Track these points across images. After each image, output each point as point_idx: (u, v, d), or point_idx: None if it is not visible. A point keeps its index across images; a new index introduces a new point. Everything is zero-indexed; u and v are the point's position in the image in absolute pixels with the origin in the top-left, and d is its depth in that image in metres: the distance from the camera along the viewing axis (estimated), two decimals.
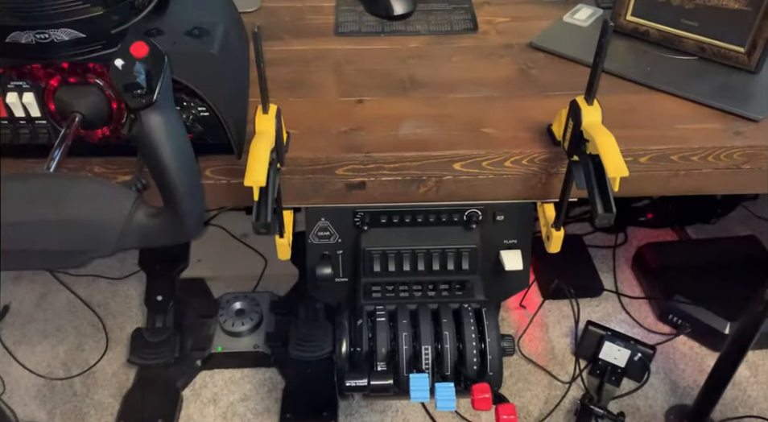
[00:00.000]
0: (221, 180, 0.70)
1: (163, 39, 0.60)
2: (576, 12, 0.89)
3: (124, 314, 1.38)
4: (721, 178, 0.72)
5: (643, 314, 1.38)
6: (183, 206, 0.52)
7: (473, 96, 0.77)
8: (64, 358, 1.29)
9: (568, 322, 1.36)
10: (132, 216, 0.51)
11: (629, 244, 1.52)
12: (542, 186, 0.72)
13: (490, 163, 0.70)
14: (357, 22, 0.90)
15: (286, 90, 0.77)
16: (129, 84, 0.47)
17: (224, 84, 0.64)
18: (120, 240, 0.51)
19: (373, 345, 0.72)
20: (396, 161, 0.69)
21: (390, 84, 0.79)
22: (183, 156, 0.51)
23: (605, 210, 0.59)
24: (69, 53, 0.56)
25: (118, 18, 0.57)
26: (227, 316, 1.27)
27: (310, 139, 0.71)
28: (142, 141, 0.49)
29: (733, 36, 0.76)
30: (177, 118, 0.51)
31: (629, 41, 0.83)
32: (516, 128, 0.72)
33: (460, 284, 0.77)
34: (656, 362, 1.27)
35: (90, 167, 0.68)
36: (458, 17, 0.91)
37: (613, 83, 0.78)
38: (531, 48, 0.85)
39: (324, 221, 0.77)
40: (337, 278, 0.80)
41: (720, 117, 0.73)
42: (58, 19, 0.53)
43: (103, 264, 1.45)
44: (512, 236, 0.78)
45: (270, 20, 0.91)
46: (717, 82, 0.77)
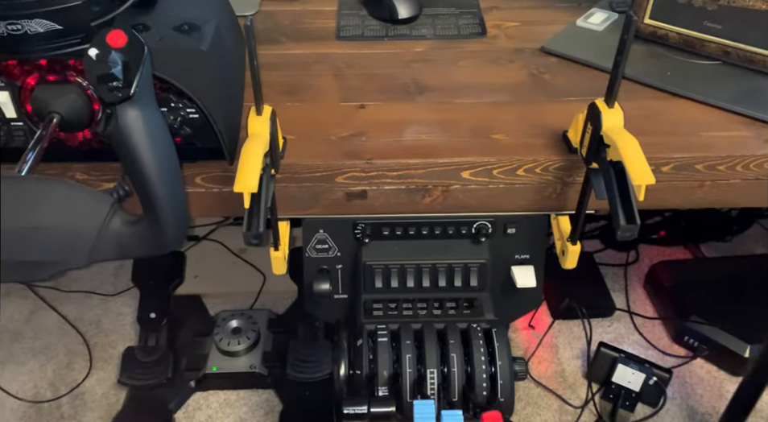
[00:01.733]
0: (212, 188, 0.65)
1: (150, 35, 0.56)
2: (589, 16, 0.85)
3: (116, 332, 1.32)
4: (750, 189, 0.67)
5: (657, 335, 1.32)
6: (164, 213, 0.47)
7: (482, 101, 0.73)
8: (52, 378, 1.23)
9: (579, 343, 1.30)
10: (107, 223, 0.46)
11: (640, 262, 1.47)
12: (557, 196, 0.67)
13: (501, 172, 0.66)
14: (359, 26, 0.86)
15: (284, 94, 0.73)
16: (103, 75, 0.43)
17: (215, 84, 0.59)
18: (94, 250, 0.46)
19: (374, 368, 0.66)
20: (400, 168, 0.65)
21: (394, 89, 0.74)
22: (164, 157, 0.46)
23: (628, 222, 0.54)
24: (45, 47, 0.51)
25: (99, 9, 0.52)
26: (223, 335, 1.22)
27: (308, 145, 0.66)
28: (118, 139, 0.45)
29: (760, 39, 0.72)
30: (158, 116, 0.47)
31: (647, 45, 0.79)
32: (528, 134, 0.68)
33: (468, 302, 0.72)
34: (672, 387, 1.21)
35: (71, 174, 0.64)
36: (465, 21, 0.87)
37: (630, 88, 0.73)
38: (543, 53, 0.81)
39: (322, 233, 0.72)
40: (336, 294, 0.75)
41: (748, 123, 0.69)
42: (31, 9, 0.49)
43: (96, 280, 1.41)
44: (524, 250, 0.73)
45: (269, 23, 0.87)
46: (743, 87, 0.72)
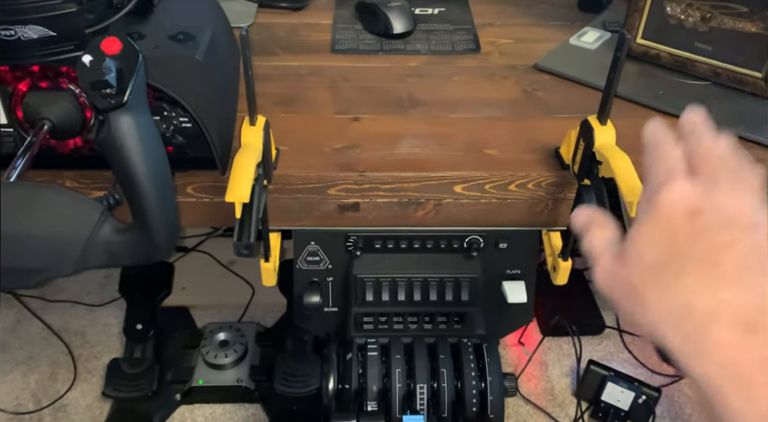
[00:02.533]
0: (203, 198, 0.65)
1: (144, 43, 0.56)
2: (582, 35, 0.86)
3: (101, 343, 1.30)
4: None
5: (646, 354, 1.31)
6: (155, 221, 0.46)
7: (476, 116, 0.73)
8: (35, 389, 1.21)
9: (569, 361, 1.30)
10: (97, 231, 0.45)
11: None
12: (549, 212, 0.67)
13: (493, 186, 0.66)
14: (354, 40, 0.87)
15: (278, 105, 0.73)
16: (96, 81, 0.42)
17: (208, 94, 0.59)
18: (82, 258, 0.45)
19: (363, 383, 0.66)
20: (393, 181, 0.65)
21: (389, 102, 0.74)
22: (156, 165, 0.46)
23: None
24: (38, 53, 0.51)
25: (94, 16, 0.52)
26: (210, 348, 1.20)
27: (301, 156, 0.66)
28: (110, 146, 0.44)
29: (750, 61, 0.73)
30: (151, 124, 0.46)
31: (640, 64, 0.79)
32: (521, 150, 0.68)
33: (459, 317, 0.72)
34: (661, 405, 1.20)
35: (61, 181, 0.63)
36: (460, 37, 0.88)
37: (622, 106, 0.74)
38: (536, 70, 0.81)
39: (313, 245, 0.72)
40: (326, 307, 0.75)
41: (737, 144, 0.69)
42: (26, 15, 0.48)
43: (82, 290, 1.39)
44: (515, 266, 0.73)
45: (264, 35, 0.87)
46: (733, 108, 0.73)
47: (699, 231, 0.33)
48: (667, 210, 0.34)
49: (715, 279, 0.32)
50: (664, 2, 0.76)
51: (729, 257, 0.32)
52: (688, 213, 0.33)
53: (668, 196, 0.34)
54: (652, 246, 0.34)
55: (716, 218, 0.33)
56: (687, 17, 0.75)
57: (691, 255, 0.32)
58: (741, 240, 0.32)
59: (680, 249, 0.33)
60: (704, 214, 0.33)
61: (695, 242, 0.33)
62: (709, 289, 0.32)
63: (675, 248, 0.33)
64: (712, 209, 0.33)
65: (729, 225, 0.33)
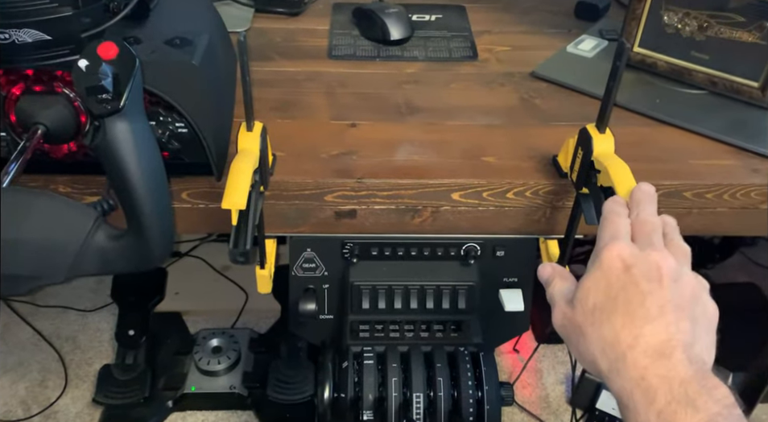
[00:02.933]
0: (199, 204, 0.64)
1: (141, 48, 0.55)
2: (580, 43, 0.86)
3: (93, 349, 1.29)
4: (736, 218, 0.67)
5: None
6: (150, 228, 0.46)
7: (473, 123, 0.73)
8: (25, 396, 1.20)
9: (564, 368, 1.30)
10: (91, 237, 0.45)
11: None
12: (547, 220, 0.67)
13: (491, 194, 0.65)
14: (351, 46, 0.86)
15: (275, 111, 0.73)
16: (92, 87, 0.42)
17: (205, 99, 0.58)
18: (75, 265, 0.44)
19: (359, 391, 0.65)
20: (390, 188, 0.64)
21: (386, 109, 0.74)
22: (152, 172, 0.45)
23: None
24: (32, 57, 0.50)
25: (90, 20, 0.51)
26: (203, 354, 1.20)
27: (298, 162, 0.65)
28: (106, 152, 0.44)
29: (747, 70, 0.73)
30: (147, 129, 0.46)
31: (637, 73, 0.79)
32: (519, 158, 0.68)
33: (455, 325, 0.71)
34: None
35: (54, 186, 0.62)
36: (457, 44, 0.88)
37: (619, 115, 0.74)
38: (533, 78, 0.81)
39: (309, 252, 0.71)
40: (322, 314, 0.74)
41: (735, 153, 0.69)
42: (20, 18, 0.47)
43: (74, 295, 1.38)
44: (513, 274, 0.73)
45: (261, 40, 0.86)
46: (729, 117, 0.73)
47: (631, 281, 0.41)
48: (608, 264, 0.42)
49: (638, 317, 0.40)
50: (661, 11, 0.76)
51: (652, 301, 0.40)
52: (624, 267, 0.42)
53: (609, 254, 0.42)
54: (594, 293, 0.42)
55: (645, 271, 0.41)
56: (684, 26, 0.75)
57: (622, 299, 0.41)
58: (663, 289, 0.40)
59: (614, 294, 0.41)
60: (636, 267, 0.41)
61: (627, 289, 0.41)
62: (632, 325, 0.40)
63: (610, 293, 0.41)
64: (642, 264, 0.41)
65: (655, 277, 0.41)
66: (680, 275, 0.42)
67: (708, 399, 0.36)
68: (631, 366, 0.39)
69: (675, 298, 0.40)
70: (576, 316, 0.43)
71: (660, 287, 0.40)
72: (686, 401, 0.36)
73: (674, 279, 0.41)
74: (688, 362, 0.38)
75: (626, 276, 0.41)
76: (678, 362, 0.38)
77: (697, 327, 0.40)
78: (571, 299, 0.44)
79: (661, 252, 0.42)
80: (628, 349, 0.39)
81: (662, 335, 0.39)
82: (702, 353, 0.40)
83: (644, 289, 0.40)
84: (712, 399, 0.36)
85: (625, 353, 0.39)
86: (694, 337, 0.39)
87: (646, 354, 0.38)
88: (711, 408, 0.36)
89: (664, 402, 0.37)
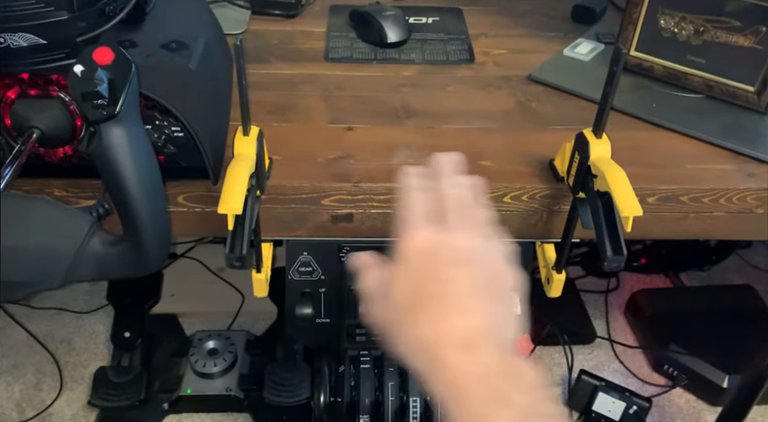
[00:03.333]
0: (194, 208, 0.64)
1: (136, 52, 0.55)
2: (576, 46, 0.86)
3: (88, 351, 1.29)
4: (732, 222, 0.68)
5: (637, 363, 1.32)
6: (146, 234, 0.45)
7: (470, 127, 0.73)
8: (19, 398, 1.19)
9: (560, 370, 1.30)
10: (86, 243, 0.45)
11: (621, 289, 1.47)
12: (543, 224, 0.67)
13: (488, 198, 0.65)
14: (348, 49, 0.86)
15: (271, 114, 0.72)
16: (88, 92, 0.42)
17: (201, 103, 0.58)
18: (70, 271, 0.44)
19: (355, 395, 0.65)
20: (387, 192, 0.64)
21: (383, 112, 0.74)
22: (148, 177, 0.45)
23: (615, 253, 0.54)
24: (28, 61, 0.50)
25: (86, 24, 0.51)
26: (198, 356, 1.19)
27: (294, 166, 0.65)
28: (102, 158, 0.43)
29: (743, 75, 0.73)
30: (143, 135, 0.46)
31: (633, 77, 0.80)
32: (516, 162, 0.68)
33: None
34: (652, 416, 1.20)
35: (50, 190, 0.62)
36: (454, 47, 0.88)
37: (616, 119, 0.74)
38: (530, 81, 0.81)
39: (306, 256, 0.71)
40: (318, 318, 0.74)
41: (731, 157, 0.69)
42: (15, 22, 0.47)
43: (69, 297, 1.37)
44: None
45: (257, 43, 0.86)
46: (726, 121, 0.73)
47: (432, 270, 0.38)
48: (409, 255, 0.39)
49: (444, 310, 0.37)
50: (658, 15, 0.76)
51: (456, 289, 0.37)
52: (425, 255, 0.39)
53: (409, 243, 0.39)
54: (400, 288, 0.39)
55: (446, 256, 0.38)
56: (681, 30, 0.75)
57: (427, 293, 0.38)
58: (469, 273, 0.38)
59: (419, 288, 0.38)
60: (436, 254, 0.38)
61: (430, 281, 0.38)
62: (438, 320, 0.37)
63: (415, 288, 0.38)
64: (442, 249, 0.38)
65: (460, 260, 0.38)
66: (484, 251, 0.39)
67: (518, 389, 0.35)
68: (442, 367, 0.36)
69: (482, 279, 0.38)
70: (387, 314, 0.40)
71: (466, 272, 0.38)
72: (496, 399, 0.35)
73: (478, 258, 0.39)
74: (494, 349, 0.36)
75: (430, 266, 0.38)
76: (484, 353, 0.36)
77: (498, 304, 0.39)
78: (384, 295, 0.40)
79: (462, 231, 0.39)
80: (438, 349, 0.37)
81: (471, 326, 0.37)
82: (506, 331, 0.39)
83: (447, 278, 0.38)
84: (521, 390, 0.35)
85: (436, 354, 0.37)
86: (497, 318, 0.38)
87: (455, 351, 0.36)
88: (521, 399, 0.35)
89: (476, 403, 0.35)
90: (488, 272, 0.39)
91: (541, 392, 0.36)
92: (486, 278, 0.38)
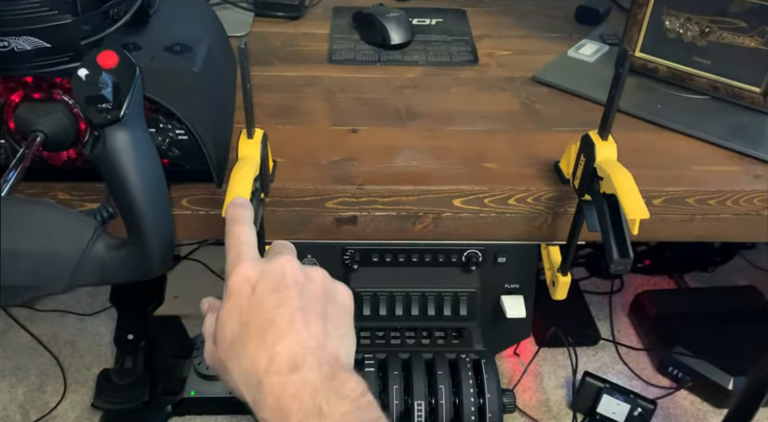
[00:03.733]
0: (198, 211, 0.64)
1: (140, 55, 0.55)
2: (580, 47, 0.86)
3: (92, 353, 1.28)
4: (739, 224, 0.67)
5: (641, 365, 1.31)
6: (150, 238, 0.45)
7: (474, 128, 0.72)
8: (23, 401, 1.19)
9: (564, 372, 1.29)
10: (90, 248, 0.44)
11: (625, 290, 1.46)
12: (548, 227, 0.67)
13: (492, 200, 0.65)
14: (352, 50, 0.86)
15: (274, 117, 0.72)
16: (92, 96, 0.41)
17: (205, 106, 0.58)
18: (74, 275, 0.44)
19: None
20: (391, 195, 0.64)
21: (386, 114, 0.74)
22: (152, 181, 0.45)
23: (622, 255, 0.54)
24: (32, 64, 0.50)
25: (90, 28, 0.51)
26: (202, 358, 1.19)
27: (298, 169, 0.65)
28: (106, 162, 0.43)
29: (749, 75, 0.73)
30: (147, 138, 0.45)
31: (638, 78, 0.79)
32: (520, 164, 0.68)
33: (457, 332, 0.71)
34: (656, 418, 1.19)
35: (53, 193, 0.62)
36: (457, 48, 0.87)
37: (621, 120, 0.73)
38: (534, 82, 0.81)
39: (310, 259, 0.71)
40: None
41: (737, 159, 0.69)
42: (20, 26, 0.47)
43: (72, 299, 1.37)
44: (514, 280, 0.73)
45: (260, 45, 0.86)
46: (731, 122, 0.73)
47: (258, 301, 0.39)
48: (236, 290, 0.39)
49: (270, 338, 0.38)
50: (663, 16, 0.76)
51: (281, 315, 0.38)
52: (251, 287, 0.39)
53: (236, 279, 0.40)
54: (229, 325, 0.39)
55: (271, 285, 0.39)
56: (686, 31, 0.75)
57: (254, 324, 0.38)
58: (290, 297, 0.38)
59: (247, 321, 0.38)
60: (261, 283, 0.39)
61: (256, 311, 0.38)
62: (265, 348, 0.37)
63: (243, 321, 0.39)
64: (268, 278, 0.39)
65: (282, 286, 0.39)
66: (307, 274, 0.41)
67: (336, 400, 0.36)
68: (268, 392, 0.37)
69: (305, 302, 0.39)
70: (219, 353, 0.40)
71: (287, 297, 0.39)
72: (315, 412, 0.35)
73: (301, 281, 0.40)
74: (318, 367, 0.37)
75: (254, 298, 0.39)
76: (308, 371, 0.37)
77: (330, 322, 0.39)
78: (215, 334, 0.41)
79: (285, 255, 0.41)
80: (264, 375, 0.37)
81: (293, 348, 0.37)
82: (336, 348, 0.39)
83: (271, 305, 0.38)
84: (340, 398, 0.36)
85: (262, 380, 0.37)
86: (326, 336, 0.39)
87: (280, 374, 0.37)
88: (338, 409, 0.36)
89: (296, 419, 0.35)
90: (318, 293, 0.40)
91: (361, 401, 0.37)
92: (315, 300, 0.40)
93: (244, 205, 0.45)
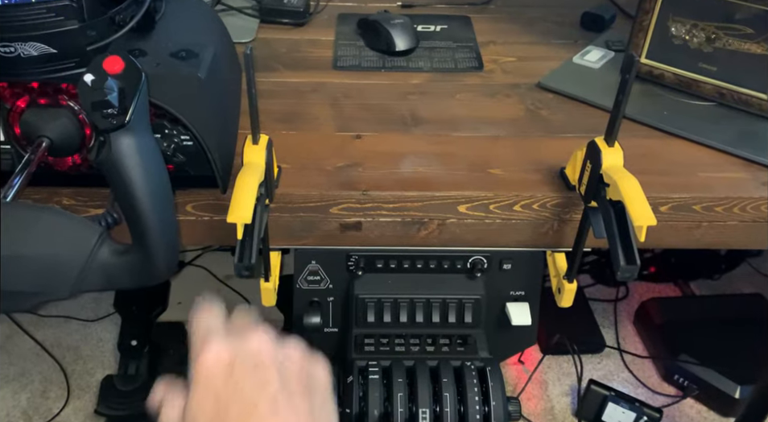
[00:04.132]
0: (203, 217, 0.64)
1: (146, 60, 0.55)
2: (586, 53, 0.85)
3: (95, 359, 1.28)
4: (746, 231, 0.67)
5: (647, 373, 1.31)
6: (155, 244, 0.45)
7: (479, 134, 0.72)
8: (26, 407, 1.19)
9: (569, 380, 1.28)
10: (95, 253, 0.44)
11: (630, 298, 1.46)
12: (554, 233, 0.67)
13: (498, 207, 0.65)
14: (356, 57, 0.86)
15: (279, 122, 0.72)
16: (98, 102, 0.41)
17: (210, 112, 0.58)
18: (79, 281, 0.44)
19: (364, 407, 0.64)
20: (396, 201, 0.64)
21: (391, 120, 0.74)
22: (158, 187, 0.45)
23: (628, 262, 0.54)
24: (38, 70, 0.50)
25: (96, 34, 0.51)
26: None
27: (303, 174, 0.65)
28: (111, 167, 0.43)
29: (755, 82, 0.72)
30: (152, 144, 0.45)
31: (644, 85, 0.79)
32: (526, 170, 0.67)
33: (462, 339, 0.70)
34: None
35: (58, 199, 0.62)
36: (462, 55, 0.87)
37: (627, 127, 0.73)
38: (539, 88, 0.81)
39: (314, 265, 0.71)
40: (326, 328, 0.73)
41: (745, 166, 0.69)
42: (26, 32, 0.47)
43: (76, 305, 1.37)
44: (519, 287, 0.72)
45: (265, 51, 0.86)
46: (738, 129, 0.73)
47: (236, 383, 0.35)
48: (208, 373, 0.36)
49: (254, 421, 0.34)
50: (668, 23, 0.76)
51: (263, 397, 0.35)
52: (225, 369, 0.36)
53: (206, 360, 0.36)
54: (201, 412, 0.35)
55: (248, 367, 0.36)
56: (692, 38, 0.75)
57: (233, 408, 0.35)
58: (270, 378, 0.36)
59: (223, 406, 0.35)
60: (237, 366, 0.36)
61: (235, 394, 0.35)
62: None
63: (219, 407, 0.35)
64: (242, 359, 0.36)
65: (260, 367, 0.36)
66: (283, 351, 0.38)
67: None
68: None
69: (286, 382, 0.36)
70: None
71: (267, 380, 0.36)
72: None
73: (279, 360, 0.37)
74: None
75: (231, 382, 0.36)
76: None
77: (315, 397, 0.37)
78: None
79: (257, 333, 0.37)
80: None
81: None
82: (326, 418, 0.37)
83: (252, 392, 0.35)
84: None
85: None
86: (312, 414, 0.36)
87: None
88: None
89: None
90: (297, 371, 0.38)
91: None
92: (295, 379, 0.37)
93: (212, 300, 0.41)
